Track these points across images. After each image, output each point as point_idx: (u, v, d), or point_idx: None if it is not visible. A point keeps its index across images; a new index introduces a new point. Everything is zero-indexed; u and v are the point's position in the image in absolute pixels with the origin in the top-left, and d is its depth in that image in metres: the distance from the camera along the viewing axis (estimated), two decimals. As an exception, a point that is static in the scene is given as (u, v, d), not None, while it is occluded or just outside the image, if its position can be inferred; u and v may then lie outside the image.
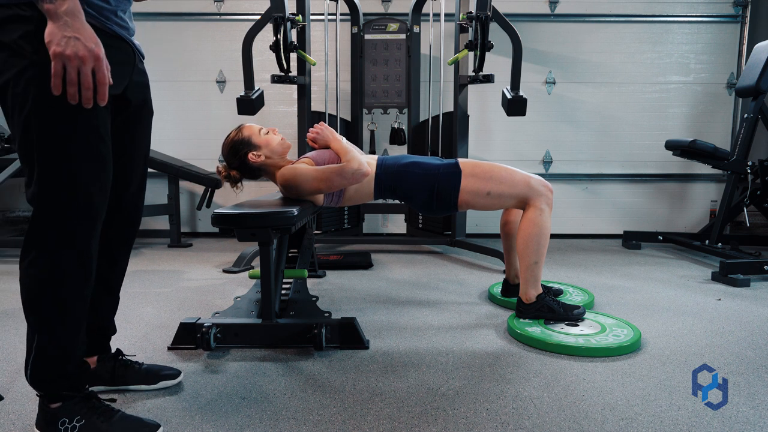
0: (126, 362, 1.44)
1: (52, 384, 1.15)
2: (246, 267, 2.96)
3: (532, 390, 1.45)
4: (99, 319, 1.39)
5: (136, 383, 1.43)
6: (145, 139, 1.34)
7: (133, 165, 1.31)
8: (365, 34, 3.51)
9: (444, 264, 3.13)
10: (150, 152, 1.41)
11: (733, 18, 3.92)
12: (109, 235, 1.30)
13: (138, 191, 1.36)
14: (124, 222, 1.35)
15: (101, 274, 1.33)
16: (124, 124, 1.25)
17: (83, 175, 1.09)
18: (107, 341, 1.45)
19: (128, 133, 1.27)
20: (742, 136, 3.21)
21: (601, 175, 4.07)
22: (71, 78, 0.97)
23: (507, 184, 1.88)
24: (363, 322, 2.00)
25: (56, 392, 1.15)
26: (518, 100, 2.83)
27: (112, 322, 1.44)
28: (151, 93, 1.39)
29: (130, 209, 1.35)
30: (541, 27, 3.95)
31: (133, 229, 1.39)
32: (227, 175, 1.92)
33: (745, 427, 1.26)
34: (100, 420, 1.16)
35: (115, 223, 1.32)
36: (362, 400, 1.39)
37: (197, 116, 4.01)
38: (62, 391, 1.15)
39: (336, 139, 1.92)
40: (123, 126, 1.25)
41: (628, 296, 2.41)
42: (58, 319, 1.12)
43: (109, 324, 1.43)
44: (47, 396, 1.15)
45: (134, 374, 1.43)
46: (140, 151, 1.32)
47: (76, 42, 0.94)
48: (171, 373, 1.48)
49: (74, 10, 0.95)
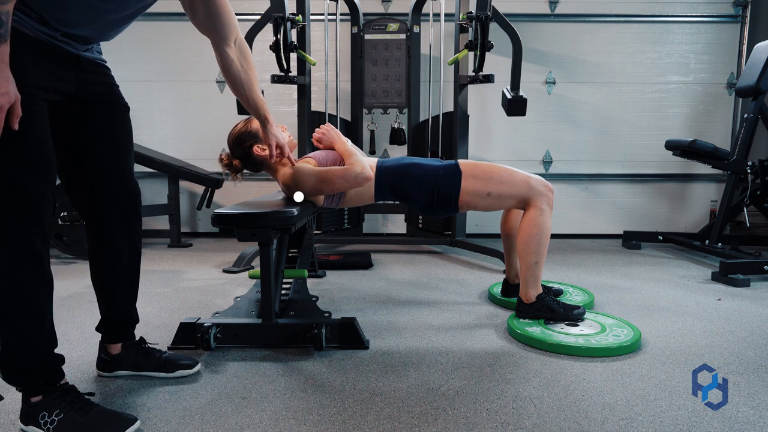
0: (147, 350, 1.54)
1: (19, 377, 1.20)
2: (246, 267, 2.96)
3: (532, 390, 1.45)
4: (115, 309, 1.48)
5: (155, 370, 1.52)
6: (116, 129, 1.39)
7: (100, 154, 1.36)
8: (365, 34, 3.51)
9: (444, 264, 3.13)
10: (149, 152, 1.44)
11: (733, 18, 3.92)
12: (105, 225, 1.39)
13: (122, 180, 1.40)
14: (116, 212, 1.40)
15: (106, 265, 1.42)
16: (83, 120, 1.32)
17: (19, 173, 1.12)
18: (130, 329, 1.54)
19: (89, 127, 1.34)
20: (742, 136, 3.21)
21: (601, 175, 4.07)
22: None
23: (507, 185, 1.88)
24: (363, 322, 2.00)
25: (27, 385, 1.21)
26: (518, 100, 2.83)
27: (132, 311, 1.53)
28: (151, 93, 1.42)
29: (118, 199, 1.40)
30: (541, 27, 3.95)
31: (124, 220, 1.42)
32: (229, 163, 1.92)
33: (745, 427, 1.26)
34: (78, 414, 1.20)
35: (107, 214, 1.39)
36: (362, 400, 1.39)
37: (197, 116, 4.00)
38: (35, 384, 1.20)
39: (341, 140, 1.93)
40: (82, 121, 1.32)
41: (628, 296, 2.41)
42: (16, 314, 1.16)
43: (127, 313, 1.51)
44: (26, 390, 1.21)
45: (154, 362, 1.53)
46: (105, 141, 1.37)
47: None
48: (188, 363, 1.55)
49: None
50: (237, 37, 1.52)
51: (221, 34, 1.47)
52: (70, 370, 1.54)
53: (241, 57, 1.54)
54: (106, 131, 1.37)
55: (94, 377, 1.54)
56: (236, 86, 1.59)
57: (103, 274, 1.45)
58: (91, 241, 1.43)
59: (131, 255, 1.48)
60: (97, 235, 1.41)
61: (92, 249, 1.44)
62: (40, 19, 1.14)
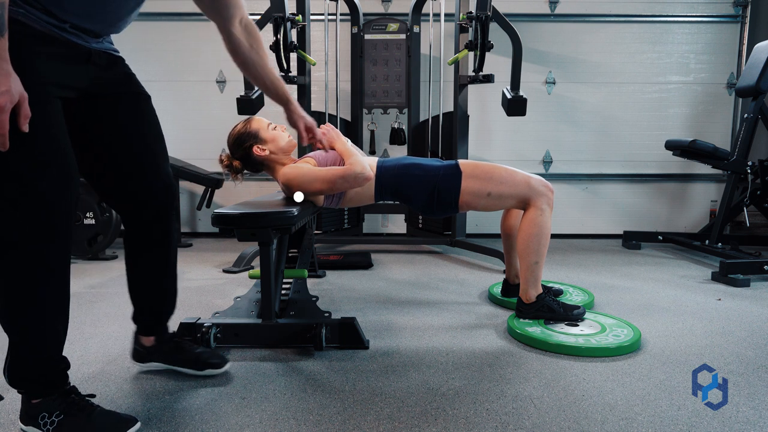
0: (179, 344, 1.55)
1: (25, 384, 1.19)
2: (246, 267, 2.96)
3: (532, 390, 1.45)
4: (150, 302, 1.49)
5: (185, 366, 1.53)
6: (139, 121, 1.35)
7: (128, 149, 1.32)
8: (365, 34, 3.51)
9: (444, 264, 3.13)
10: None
11: (733, 18, 3.92)
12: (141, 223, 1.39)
13: (155, 173, 1.37)
14: (151, 207, 1.38)
15: (143, 259, 1.43)
16: (102, 116, 1.28)
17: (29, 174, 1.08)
18: (163, 323, 1.54)
19: (110, 122, 1.29)
20: (742, 136, 3.21)
21: (601, 175, 4.07)
22: None
23: (507, 185, 1.88)
24: (363, 322, 2.00)
25: (31, 390, 1.20)
26: (518, 100, 2.83)
27: (166, 305, 1.52)
28: (151, 93, 1.41)
29: (153, 193, 1.37)
30: (541, 27, 3.95)
31: (160, 215, 1.40)
32: (229, 164, 1.92)
33: (745, 427, 1.26)
34: (78, 415, 1.19)
35: (143, 211, 1.37)
36: (362, 400, 1.39)
37: (197, 116, 4.01)
38: (38, 389, 1.20)
39: (341, 140, 1.93)
40: (101, 117, 1.28)
41: (628, 296, 2.41)
42: (28, 326, 1.15)
43: (161, 307, 1.52)
44: (28, 393, 1.20)
45: (185, 357, 1.53)
46: (132, 135, 1.33)
47: None
48: (217, 362, 1.54)
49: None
50: (243, 16, 1.45)
51: (225, 15, 1.41)
52: (71, 370, 1.54)
53: (249, 37, 1.48)
54: (130, 124, 1.32)
55: (95, 377, 1.54)
56: (248, 69, 1.53)
57: (141, 268, 1.46)
58: (127, 235, 1.43)
59: (168, 247, 1.46)
60: (133, 230, 1.41)
61: (128, 243, 1.44)
62: (46, 10, 1.09)
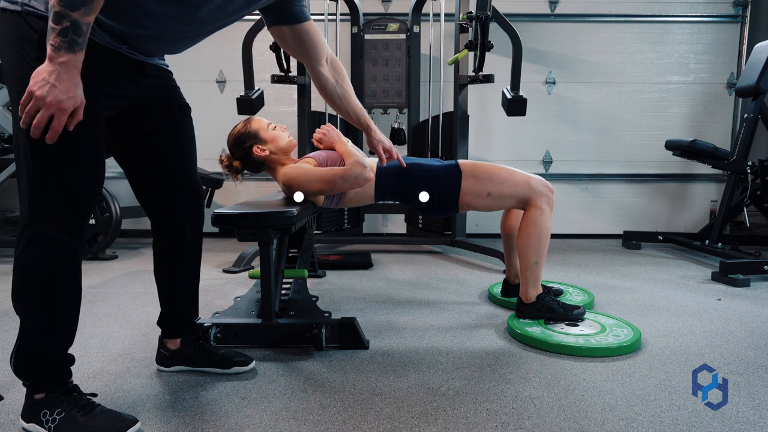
0: (204, 346, 1.59)
1: (31, 375, 1.21)
2: (246, 267, 2.96)
3: (532, 390, 1.45)
4: (176, 306, 1.53)
5: (211, 366, 1.56)
6: (178, 131, 1.42)
7: (166, 157, 1.39)
8: (365, 34, 3.51)
9: (444, 264, 3.13)
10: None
11: (733, 18, 3.92)
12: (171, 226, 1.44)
13: (187, 180, 1.44)
14: (182, 211, 1.44)
15: (171, 263, 1.48)
16: (145, 123, 1.35)
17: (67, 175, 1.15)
18: (188, 325, 1.57)
19: (152, 129, 1.37)
20: (742, 136, 3.21)
21: (601, 175, 4.07)
22: (36, 120, 1.02)
23: (507, 185, 1.88)
24: (363, 322, 2.00)
25: (36, 382, 1.22)
26: (518, 100, 2.83)
27: (190, 308, 1.56)
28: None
29: (184, 198, 1.44)
30: (541, 27, 3.95)
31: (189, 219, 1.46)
32: (229, 164, 1.94)
33: (745, 427, 1.26)
34: (79, 413, 1.20)
35: (173, 214, 1.44)
36: (362, 400, 1.39)
37: (197, 116, 3.90)
38: (43, 382, 1.21)
39: (341, 141, 1.92)
40: (144, 124, 1.35)
41: (628, 296, 2.41)
42: (42, 311, 1.18)
43: (187, 310, 1.56)
44: (32, 386, 1.22)
45: (210, 358, 1.56)
46: (170, 145, 1.40)
47: (51, 88, 1.00)
48: (243, 360, 1.57)
49: (69, 64, 1.01)
50: (328, 56, 1.63)
51: (312, 56, 1.59)
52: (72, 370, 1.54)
53: (335, 74, 1.65)
54: (170, 133, 1.40)
55: (95, 377, 1.54)
56: (334, 102, 1.69)
57: (168, 271, 1.51)
58: (157, 240, 1.49)
59: (194, 253, 1.52)
60: (163, 235, 1.47)
61: (158, 247, 1.49)
62: (113, 33, 1.15)
